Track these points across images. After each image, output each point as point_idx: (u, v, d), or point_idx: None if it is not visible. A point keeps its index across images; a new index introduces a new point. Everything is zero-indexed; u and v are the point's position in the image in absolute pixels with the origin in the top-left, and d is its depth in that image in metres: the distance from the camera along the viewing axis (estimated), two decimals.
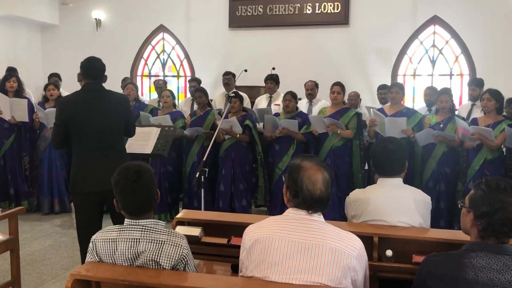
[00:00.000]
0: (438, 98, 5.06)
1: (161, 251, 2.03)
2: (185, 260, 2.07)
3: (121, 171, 2.13)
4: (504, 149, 4.82)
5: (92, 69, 3.46)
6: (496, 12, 7.49)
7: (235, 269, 2.55)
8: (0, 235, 3.50)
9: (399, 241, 2.39)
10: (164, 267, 2.03)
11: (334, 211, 5.13)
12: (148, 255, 2.02)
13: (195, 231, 2.60)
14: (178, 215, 2.80)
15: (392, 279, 2.39)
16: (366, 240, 2.29)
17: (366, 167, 5.51)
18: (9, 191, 5.89)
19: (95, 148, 3.34)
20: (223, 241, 2.60)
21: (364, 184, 5.11)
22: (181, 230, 2.60)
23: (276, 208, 5.31)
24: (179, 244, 2.06)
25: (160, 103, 6.28)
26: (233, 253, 2.40)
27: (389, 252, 2.36)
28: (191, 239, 2.55)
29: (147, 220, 2.10)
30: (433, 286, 1.74)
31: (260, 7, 8.55)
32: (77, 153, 3.39)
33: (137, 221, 2.09)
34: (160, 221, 2.14)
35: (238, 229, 2.31)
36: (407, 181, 2.74)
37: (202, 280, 2.01)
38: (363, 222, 2.58)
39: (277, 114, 5.60)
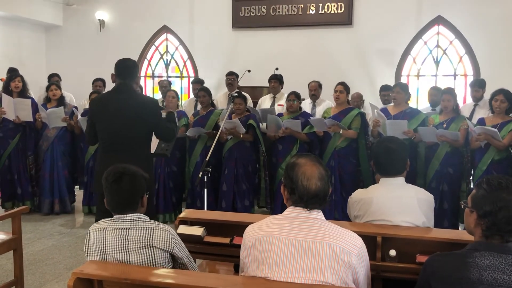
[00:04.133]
0: (441, 97, 5.05)
1: (152, 235, 2.12)
2: (177, 243, 2.16)
3: (108, 170, 2.25)
4: (511, 150, 4.79)
5: (118, 69, 3.46)
6: (500, 12, 7.46)
7: (238, 269, 2.55)
8: (3, 234, 3.50)
9: (403, 241, 2.37)
10: (158, 247, 2.10)
11: (338, 211, 5.13)
12: (139, 243, 2.10)
13: (198, 231, 2.60)
14: (181, 215, 2.80)
15: (395, 279, 2.38)
16: (370, 240, 2.28)
17: None
18: (16, 191, 5.90)
19: (112, 149, 3.36)
20: (226, 240, 2.59)
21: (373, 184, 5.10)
22: (184, 229, 2.60)
23: (278, 208, 5.30)
24: (167, 229, 2.16)
25: (164, 103, 6.27)
26: (236, 253, 2.39)
27: (392, 252, 2.35)
28: (193, 239, 2.56)
29: (134, 214, 2.18)
30: (437, 286, 1.73)
31: (264, 7, 8.54)
32: (99, 152, 3.49)
33: (125, 215, 2.18)
34: (145, 216, 2.22)
35: (241, 229, 2.30)
36: (410, 181, 2.72)
37: (204, 279, 2.00)
38: (366, 222, 2.57)
39: (280, 114, 5.59)
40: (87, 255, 2.20)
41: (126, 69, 3.45)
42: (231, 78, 6.71)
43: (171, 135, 3.64)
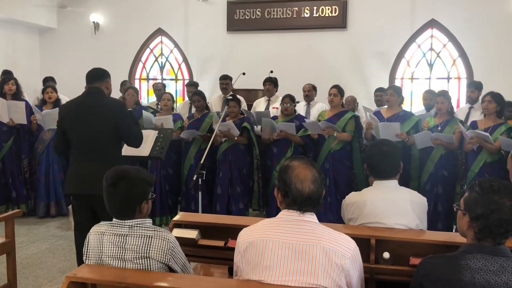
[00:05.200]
0: (435, 100, 5.08)
1: (150, 245, 2.06)
2: (174, 254, 2.10)
3: (107, 172, 2.18)
4: (503, 152, 4.81)
5: (87, 75, 3.53)
6: (494, 15, 7.52)
7: (232, 272, 2.55)
8: None
9: (396, 243, 2.38)
10: (155, 259, 2.05)
11: (333, 213, 5.14)
12: (136, 253, 2.05)
13: (192, 234, 2.60)
14: (175, 218, 2.80)
15: (389, 281, 2.39)
16: (363, 242, 2.29)
17: None
18: (11, 194, 5.88)
19: (84, 151, 3.40)
20: (220, 243, 2.59)
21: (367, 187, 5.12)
22: (178, 232, 2.59)
23: (273, 210, 5.31)
24: (166, 238, 2.08)
25: (159, 106, 6.27)
26: (230, 256, 2.38)
27: (386, 255, 2.36)
28: (188, 242, 2.56)
29: (133, 220, 2.12)
30: None
31: (258, 10, 8.56)
32: (71, 155, 3.48)
33: (123, 221, 2.12)
34: (147, 219, 2.16)
35: (235, 232, 2.30)
36: (403, 184, 2.74)
37: (198, 282, 2.00)
38: (360, 225, 2.57)
39: (275, 117, 5.61)
40: (85, 259, 2.17)
41: (94, 74, 3.51)
42: (225, 82, 6.68)
43: (139, 140, 3.56)
